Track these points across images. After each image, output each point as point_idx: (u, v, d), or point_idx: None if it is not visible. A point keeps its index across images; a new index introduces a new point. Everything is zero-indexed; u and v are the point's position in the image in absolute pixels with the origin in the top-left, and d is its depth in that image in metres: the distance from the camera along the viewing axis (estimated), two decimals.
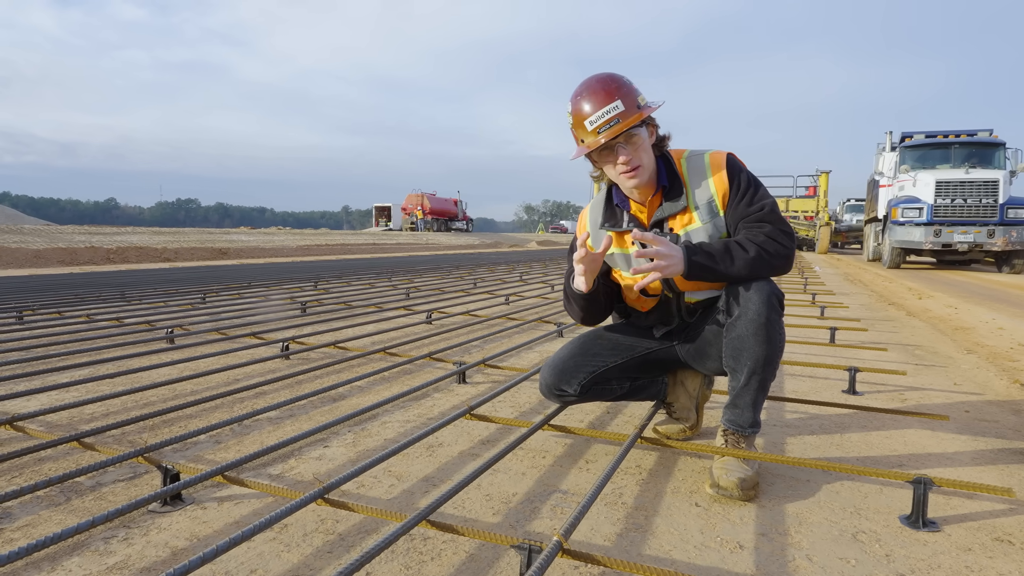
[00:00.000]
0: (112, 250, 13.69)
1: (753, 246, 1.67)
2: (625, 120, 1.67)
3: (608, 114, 1.67)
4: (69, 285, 7.03)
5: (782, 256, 1.70)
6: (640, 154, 1.72)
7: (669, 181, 1.81)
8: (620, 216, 1.88)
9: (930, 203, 11.96)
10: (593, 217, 1.96)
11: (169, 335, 3.76)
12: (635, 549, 1.41)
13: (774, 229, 1.70)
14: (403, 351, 3.55)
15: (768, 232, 1.69)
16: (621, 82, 1.70)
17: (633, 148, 1.71)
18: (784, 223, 1.73)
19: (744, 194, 1.75)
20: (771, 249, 1.68)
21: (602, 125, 1.68)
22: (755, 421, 1.75)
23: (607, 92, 1.68)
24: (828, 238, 22.83)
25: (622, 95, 1.68)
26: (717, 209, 1.77)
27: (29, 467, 1.82)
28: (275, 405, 2.24)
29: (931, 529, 1.51)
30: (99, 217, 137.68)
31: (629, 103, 1.68)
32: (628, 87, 1.70)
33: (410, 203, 45.35)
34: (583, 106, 1.70)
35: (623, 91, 1.68)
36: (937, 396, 2.78)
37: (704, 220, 1.78)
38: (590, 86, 1.70)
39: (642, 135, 1.72)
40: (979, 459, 2.00)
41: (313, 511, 1.55)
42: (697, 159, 1.82)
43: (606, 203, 1.93)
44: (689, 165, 1.82)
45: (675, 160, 1.83)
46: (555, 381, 1.96)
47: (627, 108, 1.67)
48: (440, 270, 10.52)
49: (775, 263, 1.69)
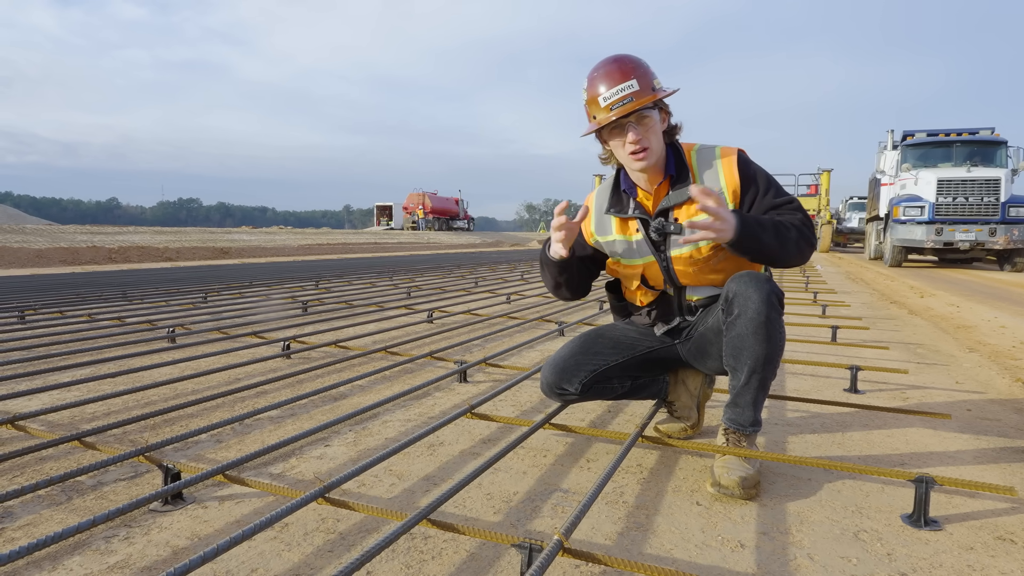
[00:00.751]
0: (114, 250, 13.71)
1: (793, 229, 1.70)
2: (639, 99, 1.68)
3: (622, 91, 1.68)
4: (71, 285, 7.04)
5: (811, 245, 1.75)
6: (650, 136, 1.73)
7: (677, 170, 1.81)
8: (626, 202, 1.88)
9: (932, 201, 11.94)
10: (599, 202, 1.96)
11: (170, 334, 3.76)
12: (636, 548, 1.41)
13: (805, 218, 1.75)
14: (404, 350, 3.55)
15: (801, 220, 1.73)
16: (638, 63, 1.72)
17: (644, 129, 1.72)
18: (806, 214, 1.78)
19: (768, 189, 1.78)
20: (807, 236, 1.73)
21: (615, 102, 1.69)
22: (756, 420, 1.75)
23: (623, 71, 1.69)
24: (830, 237, 22.83)
25: (638, 75, 1.69)
26: (726, 202, 1.77)
27: (30, 466, 1.82)
28: (276, 404, 2.24)
29: (933, 528, 1.50)
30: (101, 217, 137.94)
31: (644, 84, 1.69)
32: (644, 68, 1.72)
33: (411, 202, 45.35)
34: (598, 84, 1.72)
35: (639, 71, 1.70)
36: (939, 395, 2.77)
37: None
38: (607, 65, 1.72)
39: (654, 117, 1.73)
40: (981, 458, 1.99)
41: (314, 510, 1.55)
42: (708, 152, 1.83)
43: (613, 189, 1.93)
44: (699, 157, 1.83)
45: (685, 151, 1.84)
46: (556, 380, 1.96)
47: (642, 88, 1.69)
48: (441, 269, 10.52)
49: (804, 251, 1.74)
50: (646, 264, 1.90)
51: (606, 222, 1.94)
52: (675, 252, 1.83)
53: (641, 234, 1.86)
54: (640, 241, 1.87)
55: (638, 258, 1.90)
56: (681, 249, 1.81)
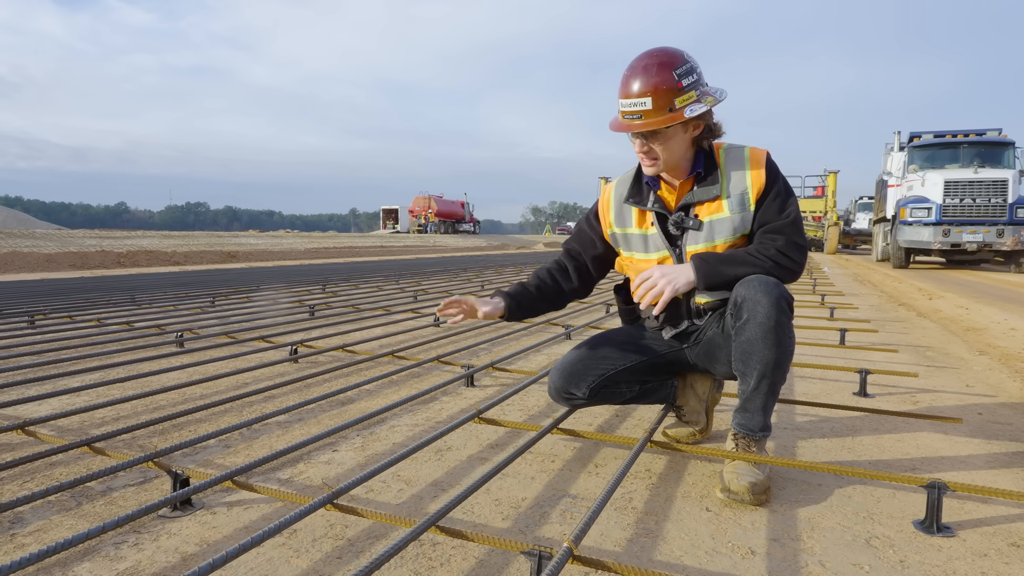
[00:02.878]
0: (122, 254, 13.79)
1: (766, 260, 1.70)
2: (647, 120, 1.67)
3: (633, 107, 1.68)
4: (80, 289, 7.08)
5: (789, 271, 1.73)
6: (659, 149, 1.72)
7: (705, 168, 1.81)
8: (646, 195, 1.88)
9: (939, 203, 11.95)
10: (619, 191, 1.96)
11: (179, 339, 3.78)
12: (646, 555, 1.40)
13: (788, 242, 1.72)
14: (411, 354, 3.55)
15: (779, 246, 1.71)
16: (663, 76, 1.64)
17: (653, 142, 1.72)
18: (800, 235, 1.75)
19: (776, 199, 1.76)
20: (782, 262, 1.71)
21: (628, 114, 1.70)
22: (766, 425, 1.74)
23: (642, 83, 1.66)
24: (837, 238, 22.72)
25: (656, 94, 1.64)
26: (748, 202, 1.77)
27: (41, 472, 1.83)
28: (284, 409, 2.24)
29: (946, 534, 1.49)
30: (109, 221, 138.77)
31: (660, 103, 1.65)
32: (668, 83, 1.64)
33: (417, 205, 45.45)
34: (623, 85, 1.70)
35: (660, 89, 1.64)
36: (949, 398, 2.75)
37: (733, 210, 1.78)
38: (633, 68, 1.69)
39: (668, 133, 1.71)
40: (993, 462, 1.97)
41: (322, 516, 1.55)
42: (737, 152, 1.82)
43: (635, 178, 1.92)
44: (728, 156, 1.82)
45: (715, 148, 1.83)
46: (564, 384, 1.95)
47: (654, 108, 1.65)
48: (448, 272, 10.53)
49: (784, 276, 1.72)
50: (660, 259, 1.89)
51: (626, 213, 1.93)
52: (691, 247, 1.82)
53: (656, 228, 1.86)
54: (655, 235, 1.87)
55: (653, 252, 1.90)
56: (697, 244, 1.81)
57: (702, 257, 1.72)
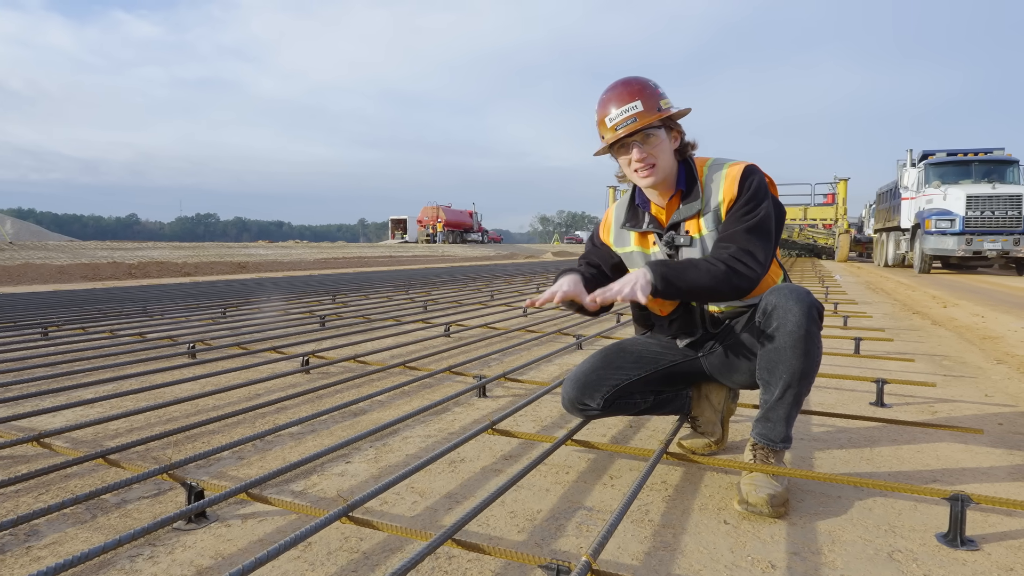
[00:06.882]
0: (133, 265, 13.90)
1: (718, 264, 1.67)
2: (642, 119, 1.72)
3: (626, 112, 1.74)
4: (92, 300, 7.14)
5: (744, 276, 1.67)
6: (656, 153, 1.76)
7: (687, 185, 1.83)
8: (640, 216, 1.91)
9: (962, 215, 13.49)
10: (617, 216, 2.00)
11: (191, 350, 3.79)
12: (664, 569, 1.38)
13: (738, 249, 1.69)
14: (422, 365, 3.54)
15: (731, 253, 1.68)
16: (644, 85, 1.77)
17: (649, 147, 1.75)
18: (755, 243, 1.70)
19: (740, 209, 1.74)
20: (735, 267, 1.66)
21: (620, 123, 1.74)
22: (787, 436, 1.72)
23: (629, 93, 1.75)
24: (848, 246, 22.60)
25: (643, 97, 1.74)
26: (721, 216, 1.78)
27: (55, 484, 1.84)
28: (296, 420, 2.24)
29: (970, 548, 1.46)
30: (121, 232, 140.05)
31: (649, 104, 1.74)
32: (650, 90, 1.76)
33: (426, 215, 45.57)
34: (606, 106, 1.78)
35: (645, 93, 1.75)
36: (968, 408, 2.71)
37: (709, 228, 1.79)
38: (614, 88, 1.79)
39: (660, 136, 1.76)
40: (1016, 474, 1.94)
41: (337, 529, 1.54)
42: (718, 166, 1.83)
43: (630, 204, 1.96)
44: (710, 171, 1.83)
45: (697, 166, 1.85)
46: (578, 395, 1.94)
47: (646, 109, 1.73)
48: (457, 282, 10.54)
49: (739, 282, 1.67)
50: None
51: (624, 235, 1.97)
52: None
53: (658, 246, 1.87)
54: (658, 253, 1.88)
55: None
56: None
57: (663, 262, 1.71)
